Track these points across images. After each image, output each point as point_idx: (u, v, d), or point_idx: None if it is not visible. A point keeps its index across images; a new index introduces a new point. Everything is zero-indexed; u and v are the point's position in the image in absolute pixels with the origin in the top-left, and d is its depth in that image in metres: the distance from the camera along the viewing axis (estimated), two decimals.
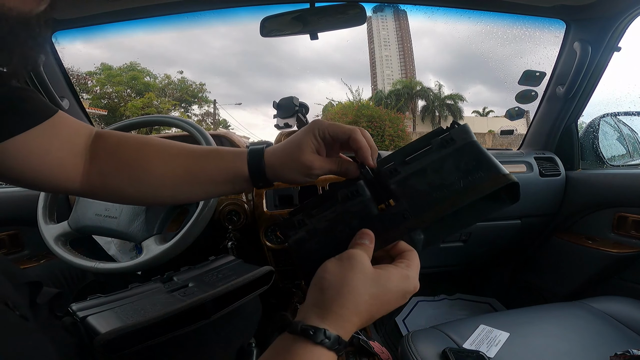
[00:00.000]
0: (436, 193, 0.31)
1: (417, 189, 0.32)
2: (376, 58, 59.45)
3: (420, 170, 0.32)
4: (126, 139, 0.43)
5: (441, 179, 0.31)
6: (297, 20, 0.89)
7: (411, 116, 29.29)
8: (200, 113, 22.51)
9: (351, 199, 0.33)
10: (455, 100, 29.06)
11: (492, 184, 0.31)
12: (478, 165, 0.31)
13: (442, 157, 0.32)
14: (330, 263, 0.30)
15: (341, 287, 0.28)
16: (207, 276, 0.54)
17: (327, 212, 0.33)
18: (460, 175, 0.31)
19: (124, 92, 19.52)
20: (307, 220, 0.33)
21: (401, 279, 0.30)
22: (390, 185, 0.33)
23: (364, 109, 15.36)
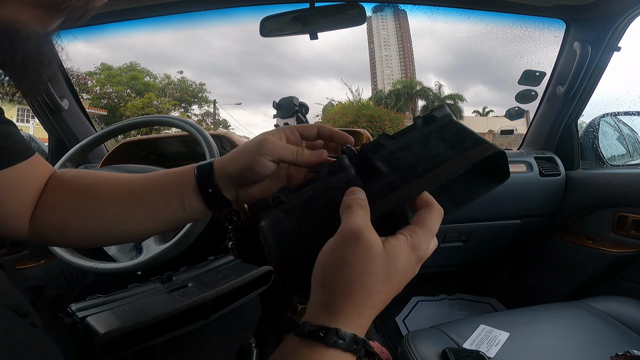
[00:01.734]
0: (424, 163, 0.30)
1: (404, 161, 0.30)
2: (376, 58, 59.46)
3: (406, 145, 0.32)
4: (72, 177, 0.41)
5: (428, 151, 0.31)
6: (297, 20, 0.89)
7: (411, 116, 29.21)
8: (200, 113, 22.54)
9: (334, 173, 0.31)
10: (455, 100, 29.09)
11: (479, 152, 0.29)
12: (463, 138, 0.31)
13: (426, 133, 0.32)
14: (330, 248, 0.25)
15: (349, 279, 0.24)
16: (207, 276, 0.54)
17: (307, 188, 0.30)
18: (446, 147, 0.31)
19: (123, 92, 19.54)
20: (283, 198, 0.30)
21: (410, 249, 0.26)
22: (375, 162, 0.31)
23: (364, 109, 15.37)
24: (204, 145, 0.73)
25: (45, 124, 1.10)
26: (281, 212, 0.29)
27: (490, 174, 0.33)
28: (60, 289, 0.63)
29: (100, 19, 0.94)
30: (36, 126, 9.03)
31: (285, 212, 0.29)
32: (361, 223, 0.25)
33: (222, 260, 0.58)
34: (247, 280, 0.49)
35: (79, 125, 1.13)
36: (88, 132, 1.15)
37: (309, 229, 0.28)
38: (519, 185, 1.10)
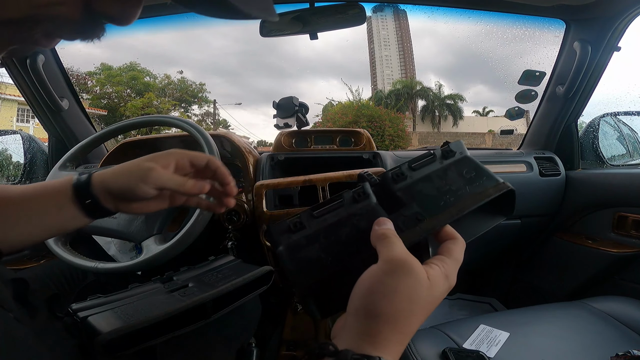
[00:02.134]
0: (446, 197, 0.31)
1: (425, 193, 0.31)
2: (376, 58, 59.46)
3: (426, 177, 0.33)
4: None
5: (448, 185, 0.32)
6: (296, 20, 0.89)
7: (411, 116, 29.29)
8: (200, 113, 22.53)
9: (358, 201, 0.31)
10: (455, 100, 29.09)
11: (495, 189, 0.32)
12: (479, 174, 0.33)
13: (445, 167, 0.33)
14: (376, 277, 0.25)
15: (398, 309, 0.24)
16: (207, 276, 0.54)
17: (330, 214, 0.30)
18: (464, 182, 0.32)
19: (123, 92, 19.53)
20: (305, 223, 0.29)
21: (445, 280, 0.27)
22: (397, 192, 0.32)
23: (364, 109, 15.36)
24: (204, 145, 0.73)
25: (45, 124, 1.10)
26: (302, 238, 0.29)
27: (496, 208, 0.34)
28: (60, 289, 0.63)
29: None
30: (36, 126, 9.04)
31: (306, 238, 0.29)
32: (406, 253, 0.26)
33: (222, 260, 0.58)
34: (247, 280, 0.49)
35: (79, 125, 1.13)
36: (88, 132, 1.15)
37: (334, 256, 0.28)
38: (519, 185, 1.10)
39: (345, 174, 0.86)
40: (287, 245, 0.28)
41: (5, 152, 1.31)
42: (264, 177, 0.97)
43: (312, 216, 0.30)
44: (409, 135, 18.46)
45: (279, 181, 0.86)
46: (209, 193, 0.44)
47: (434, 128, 29.16)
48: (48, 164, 1.16)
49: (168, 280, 0.52)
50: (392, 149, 1.30)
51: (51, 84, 1.00)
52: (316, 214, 0.30)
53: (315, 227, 0.29)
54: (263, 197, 0.85)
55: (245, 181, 0.97)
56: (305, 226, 0.29)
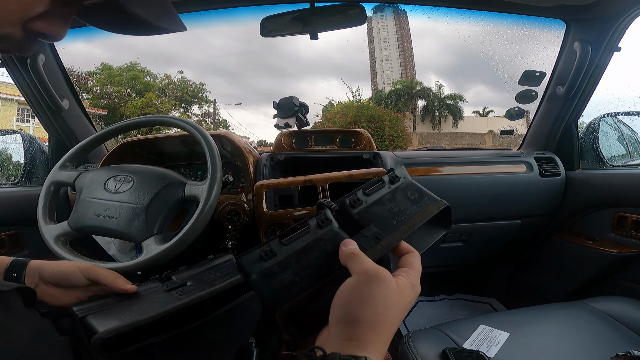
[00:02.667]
0: (397, 217, 0.37)
1: (380, 215, 0.37)
2: (376, 58, 59.45)
3: (379, 200, 0.38)
4: None
5: (398, 206, 0.38)
6: (297, 20, 0.89)
7: (411, 116, 29.28)
8: (200, 113, 22.51)
9: (322, 227, 0.34)
10: (455, 100, 29.07)
11: (436, 207, 0.39)
12: (421, 195, 0.40)
13: (393, 190, 0.40)
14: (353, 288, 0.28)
15: (376, 313, 0.27)
16: (206, 275, 0.54)
17: (298, 241, 0.32)
18: (411, 203, 0.39)
19: (124, 92, 19.52)
20: (276, 250, 0.31)
21: (411, 288, 0.30)
22: (355, 216, 0.36)
23: (364, 109, 15.35)
24: (204, 145, 0.73)
25: (45, 124, 1.10)
26: (274, 265, 0.30)
27: (438, 222, 0.41)
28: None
29: None
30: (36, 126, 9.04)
31: (278, 265, 0.30)
32: (377, 265, 0.29)
33: (221, 259, 0.58)
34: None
35: (79, 125, 1.13)
36: (88, 132, 1.15)
37: (306, 278, 0.30)
38: (519, 186, 1.10)
39: (345, 174, 0.86)
40: (260, 273, 0.30)
41: (5, 152, 1.31)
42: (264, 177, 0.97)
43: (281, 244, 0.32)
44: (409, 135, 18.44)
45: (279, 181, 0.86)
46: None
47: (434, 128, 29.14)
48: (48, 164, 1.16)
49: (167, 279, 0.52)
50: (392, 149, 1.30)
51: (51, 83, 1.00)
52: (285, 241, 0.32)
53: (285, 254, 0.31)
54: (263, 197, 0.85)
55: (245, 181, 0.97)
56: (275, 253, 0.31)
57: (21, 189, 1.11)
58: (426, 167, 1.07)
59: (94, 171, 0.77)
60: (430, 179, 1.05)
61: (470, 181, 1.07)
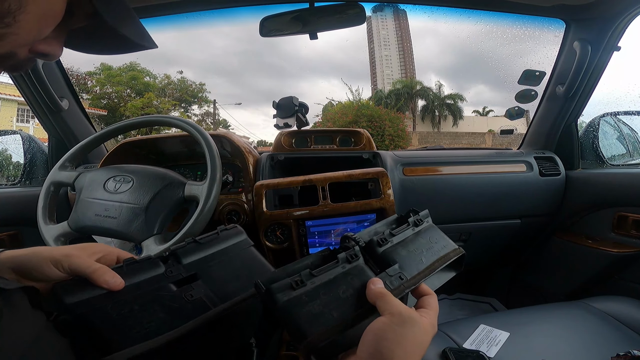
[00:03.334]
0: (419, 258, 0.39)
1: (403, 255, 0.38)
2: (376, 58, 59.45)
3: (403, 241, 0.40)
4: None
5: (419, 249, 0.40)
6: (296, 20, 0.89)
7: (411, 116, 29.28)
8: (200, 113, 22.51)
9: (351, 262, 0.36)
10: (455, 100, 29.07)
11: (454, 253, 0.42)
12: (440, 240, 0.43)
13: (416, 233, 0.42)
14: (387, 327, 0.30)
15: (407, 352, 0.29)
16: (216, 266, 0.48)
17: (327, 273, 0.34)
18: (431, 247, 0.41)
19: (123, 92, 19.52)
20: (305, 280, 0.32)
21: (431, 327, 0.33)
22: (380, 253, 0.38)
23: (363, 109, 15.34)
24: (204, 145, 0.73)
25: (45, 124, 1.10)
26: (303, 295, 0.31)
27: (450, 265, 0.43)
28: None
29: None
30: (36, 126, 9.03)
31: (307, 295, 0.32)
32: (408, 308, 0.32)
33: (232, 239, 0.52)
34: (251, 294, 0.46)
35: (79, 125, 1.13)
36: (88, 132, 1.15)
37: (335, 310, 0.32)
38: (519, 185, 1.10)
39: (345, 174, 0.86)
40: (289, 302, 0.31)
41: (5, 152, 1.31)
42: (264, 177, 0.97)
43: (311, 274, 0.33)
44: (409, 135, 18.44)
45: (279, 181, 0.86)
46: None
47: (434, 128, 29.15)
48: (48, 164, 1.16)
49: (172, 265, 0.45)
50: (392, 149, 1.30)
51: (51, 84, 1.00)
52: (315, 272, 0.33)
53: (314, 285, 0.32)
54: (263, 197, 0.85)
55: (245, 181, 0.97)
56: (305, 283, 0.32)
57: (21, 189, 1.11)
58: (426, 167, 1.07)
59: (93, 171, 0.77)
60: (430, 178, 1.05)
61: (470, 181, 1.07)
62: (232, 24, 1.10)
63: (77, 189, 0.75)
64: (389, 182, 0.86)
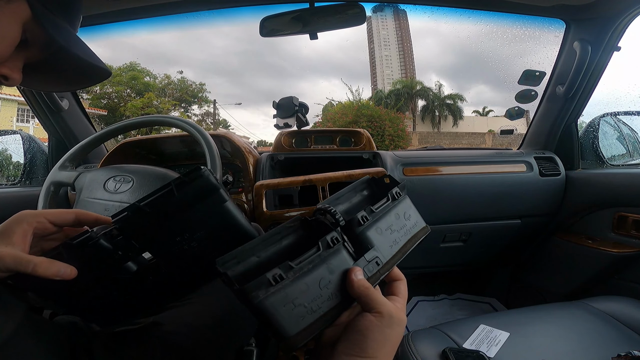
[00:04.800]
0: (393, 241, 0.36)
1: (378, 237, 0.35)
2: (376, 58, 59.45)
3: (380, 219, 0.36)
4: None
5: (393, 229, 0.37)
6: (296, 20, 0.89)
7: (411, 116, 29.29)
8: (200, 113, 22.52)
9: (331, 247, 0.32)
10: (455, 100, 29.07)
11: (423, 232, 0.39)
12: (412, 217, 0.39)
13: (392, 208, 0.38)
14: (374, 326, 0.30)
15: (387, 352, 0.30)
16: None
17: (306, 261, 0.30)
18: (403, 226, 0.38)
19: (123, 92, 19.52)
20: (284, 275, 0.28)
21: (403, 315, 0.33)
22: (358, 235, 0.35)
23: (363, 109, 15.33)
24: (204, 145, 0.73)
25: (45, 124, 1.10)
26: (282, 291, 0.28)
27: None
28: None
29: (103, 19, 0.94)
30: (36, 126, 9.02)
31: (287, 291, 0.29)
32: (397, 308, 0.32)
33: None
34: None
35: (79, 125, 1.13)
36: (88, 132, 1.15)
37: (315, 305, 0.30)
38: (519, 185, 1.10)
39: (345, 174, 0.86)
40: (266, 298, 0.28)
41: (5, 152, 1.31)
42: (264, 177, 0.97)
43: (290, 267, 0.29)
44: (409, 135, 18.43)
45: (279, 181, 0.86)
46: None
47: (434, 128, 29.15)
48: (48, 164, 1.16)
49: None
50: (392, 149, 1.30)
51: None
52: (294, 264, 0.29)
53: (293, 279, 0.29)
54: (263, 197, 0.85)
55: (245, 181, 0.97)
56: (284, 278, 0.28)
57: (21, 189, 1.11)
58: (426, 167, 1.07)
59: (93, 171, 0.77)
60: (430, 178, 1.05)
61: (470, 181, 1.07)
62: (232, 24, 1.09)
63: (77, 189, 0.75)
64: None
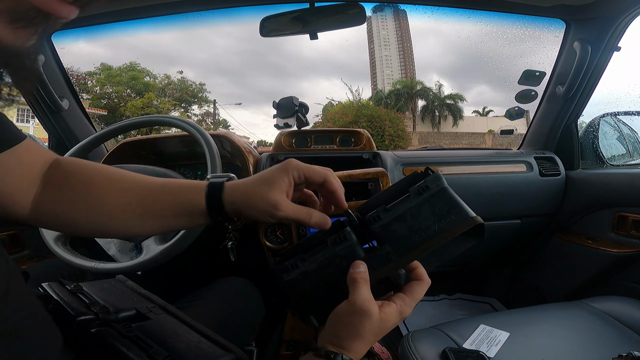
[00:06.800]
0: (415, 236, 0.35)
1: (398, 233, 0.36)
2: (376, 58, 59.45)
3: (400, 216, 0.36)
4: (80, 168, 0.42)
5: (419, 224, 0.36)
6: (296, 20, 0.89)
7: (411, 116, 29.30)
8: (200, 113, 22.53)
9: (339, 243, 0.37)
10: (455, 100, 29.07)
11: (462, 226, 0.35)
12: (450, 210, 0.36)
13: (418, 204, 0.36)
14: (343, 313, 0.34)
15: (354, 335, 0.34)
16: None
17: (318, 255, 0.37)
18: (435, 220, 0.36)
19: (123, 92, 19.53)
20: (299, 264, 0.37)
21: (398, 315, 0.35)
22: (375, 230, 0.37)
23: (363, 109, 15.33)
24: (204, 145, 0.73)
25: (45, 124, 1.10)
26: (298, 275, 0.37)
27: (470, 235, 0.38)
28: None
29: (103, 19, 0.94)
30: (36, 126, 9.02)
31: (301, 275, 0.37)
32: (367, 299, 0.34)
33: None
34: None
35: (79, 125, 1.13)
36: (88, 132, 1.15)
37: (322, 290, 0.37)
38: (519, 185, 1.10)
39: (345, 174, 0.86)
40: (289, 280, 0.37)
41: None
42: None
43: (304, 258, 0.37)
44: (409, 135, 18.42)
45: None
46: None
47: (434, 128, 29.15)
48: None
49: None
50: (392, 149, 1.30)
51: (51, 84, 1.00)
52: (307, 256, 0.37)
53: (306, 267, 0.37)
54: None
55: None
56: (299, 266, 0.37)
57: None
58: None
59: None
60: None
61: (470, 181, 1.07)
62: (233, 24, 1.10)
63: None
64: (389, 182, 0.86)
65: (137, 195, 0.40)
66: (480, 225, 0.36)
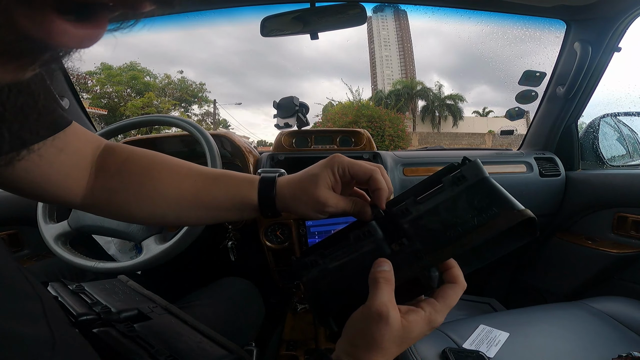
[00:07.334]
0: (450, 232, 0.30)
1: (429, 228, 0.31)
2: (376, 58, 59.47)
3: (433, 209, 0.32)
4: (135, 156, 0.42)
5: (454, 217, 0.31)
6: (297, 20, 0.89)
7: (411, 116, 29.32)
8: (200, 113, 22.54)
9: (363, 239, 0.34)
10: (455, 100, 29.09)
11: (507, 220, 0.30)
12: (492, 202, 0.31)
13: (454, 196, 0.32)
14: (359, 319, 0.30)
15: (371, 345, 0.29)
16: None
17: (339, 252, 0.34)
18: (474, 213, 0.31)
19: (123, 91, 19.54)
20: (320, 261, 0.34)
21: (426, 324, 0.31)
22: (403, 225, 0.33)
23: (364, 109, 15.34)
24: (204, 144, 0.73)
25: None
26: (318, 272, 0.34)
27: (518, 231, 0.32)
28: None
29: None
30: None
31: (321, 273, 0.34)
32: (385, 302, 0.29)
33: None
34: None
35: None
36: None
37: (342, 290, 0.33)
38: (519, 186, 1.10)
39: None
40: (308, 278, 0.34)
41: None
42: None
43: (324, 254, 0.35)
44: (409, 135, 18.44)
45: None
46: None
47: (434, 128, 29.17)
48: None
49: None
50: (392, 149, 1.30)
51: (51, 83, 1.00)
52: (327, 252, 0.35)
53: (327, 264, 0.34)
54: None
55: None
56: (319, 263, 0.34)
57: None
58: (426, 167, 1.07)
59: None
60: None
61: None
62: (233, 24, 1.10)
63: None
64: None
65: (192, 187, 0.40)
66: (530, 219, 0.30)
